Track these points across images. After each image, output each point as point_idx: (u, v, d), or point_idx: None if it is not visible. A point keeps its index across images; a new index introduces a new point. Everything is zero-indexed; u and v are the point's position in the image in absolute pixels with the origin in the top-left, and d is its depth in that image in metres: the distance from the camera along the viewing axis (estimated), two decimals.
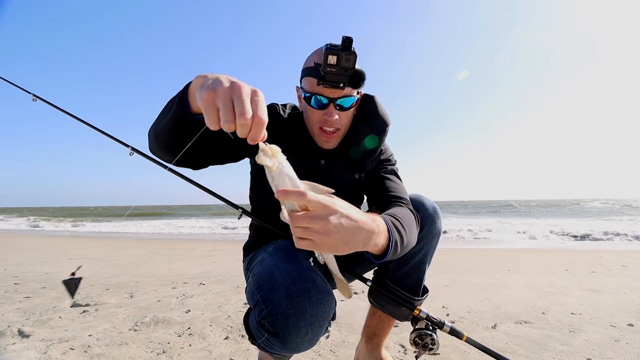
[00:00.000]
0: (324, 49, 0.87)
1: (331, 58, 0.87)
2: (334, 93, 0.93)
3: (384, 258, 0.76)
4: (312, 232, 0.59)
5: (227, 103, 0.55)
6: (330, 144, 1.04)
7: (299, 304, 0.74)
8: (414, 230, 0.90)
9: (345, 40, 0.86)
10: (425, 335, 1.04)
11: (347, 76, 0.89)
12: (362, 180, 1.11)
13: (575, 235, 7.91)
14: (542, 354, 1.48)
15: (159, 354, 1.49)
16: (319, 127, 1.00)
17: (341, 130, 1.01)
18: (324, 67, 0.88)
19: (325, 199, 0.60)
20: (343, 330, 1.78)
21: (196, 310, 2.12)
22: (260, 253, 1.00)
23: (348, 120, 1.02)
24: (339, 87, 0.91)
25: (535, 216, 16.93)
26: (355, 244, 0.64)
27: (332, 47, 0.87)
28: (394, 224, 0.79)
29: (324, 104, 0.96)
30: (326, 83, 0.90)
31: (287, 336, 0.74)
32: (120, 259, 4.58)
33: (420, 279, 1.09)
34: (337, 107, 0.96)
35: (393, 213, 0.86)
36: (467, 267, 3.76)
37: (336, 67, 0.87)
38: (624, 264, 3.76)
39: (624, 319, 1.92)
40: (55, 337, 1.68)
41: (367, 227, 0.66)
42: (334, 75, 0.89)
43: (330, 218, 0.59)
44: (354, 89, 0.93)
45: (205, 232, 10.34)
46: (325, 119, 0.97)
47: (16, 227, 14.17)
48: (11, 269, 3.71)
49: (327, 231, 0.59)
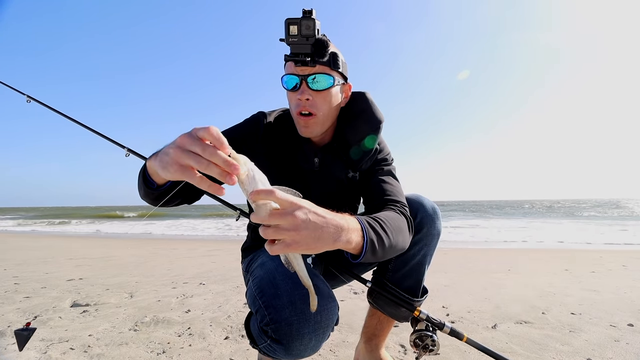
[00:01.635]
0: (285, 20, 0.87)
1: (292, 29, 0.86)
2: (304, 70, 0.91)
3: (360, 257, 0.75)
4: (282, 230, 0.58)
5: (194, 157, 0.56)
6: (308, 129, 0.99)
7: (302, 311, 0.73)
8: (404, 233, 0.88)
9: (304, 11, 0.86)
10: (426, 336, 1.04)
11: (310, 45, 0.87)
12: (357, 179, 1.09)
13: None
14: (542, 354, 1.48)
15: (159, 354, 1.49)
16: (297, 112, 0.97)
17: (318, 117, 0.97)
18: (286, 40, 0.87)
19: (292, 198, 0.61)
20: (343, 330, 1.78)
21: (196, 310, 2.12)
22: (260, 255, 0.99)
23: (327, 108, 0.98)
24: (306, 63, 0.89)
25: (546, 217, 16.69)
26: (325, 240, 0.63)
27: (292, 18, 0.87)
28: (370, 224, 0.77)
29: (296, 84, 0.94)
30: (292, 56, 0.89)
31: (290, 343, 0.73)
32: (120, 259, 4.58)
33: (420, 279, 1.09)
34: (309, 85, 0.93)
35: (375, 215, 0.84)
36: (467, 267, 3.76)
37: (297, 36, 0.87)
38: (624, 264, 3.76)
39: (624, 319, 1.92)
40: (55, 337, 1.68)
41: (334, 223, 0.65)
42: (297, 46, 0.88)
43: (297, 213, 0.59)
44: (321, 59, 0.90)
45: (205, 232, 10.34)
46: (298, 101, 0.95)
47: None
48: (11, 269, 3.71)
49: (296, 226, 0.58)
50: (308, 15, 0.86)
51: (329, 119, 1.00)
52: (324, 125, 1.00)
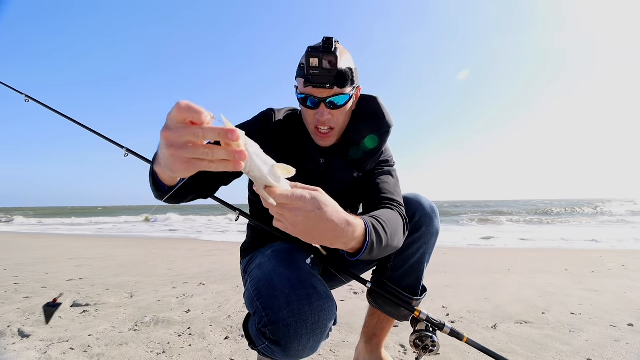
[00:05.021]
0: (305, 52, 0.88)
1: (312, 61, 0.87)
2: (323, 93, 0.93)
3: (358, 256, 0.75)
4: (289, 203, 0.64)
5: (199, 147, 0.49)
6: (326, 142, 1.03)
7: (300, 312, 0.73)
8: (399, 233, 0.89)
9: (325, 42, 0.86)
10: (426, 337, 1.04)
11: (332, 76, 0.89)
12: (361, 179, 1.11)
13: None
14: (542, 354, 1.48)
15: (159, 354, 1.49)
16: (314, 126, 0.99)
17: (336, 129, 1.00)
18: (307, 70, 0.89)
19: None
20: (343, 330, 1.78)
21: (196, 310, 2.12)
22: (258, 256, 0.99)
23: (343, 119, 1.01)
24: (326, 88, 0.91)
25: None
26: (335, 237, 0.67)
27: (312, 49, 0.88)
28: (373, 225, 0.78)
29: (315, 104, 0.95)
30: (312, 84, 0.91)
31: (288, 344, 0.73)
32: (120, 259, 4.58)
33: (419, 278, 1.09)
34: (328, 106, 0.95)
35: (377, 215, 0.85)
36: (467, 267, 3.76)
37: (319, 69, 0.88)
38: (624, 264, 3.76)
39: (624, 319, 1.92)
40: (55, 337, 1.68)
41: (341, 212, 0.69)
42: (318, 77, 0.89)
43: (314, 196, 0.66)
44: (340, 88, 0.93)
45: (205, 232, 10.34)
46: (317, 119, 0.97)
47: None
48: (11, 269, 3.71)
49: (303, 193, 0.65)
50: (328, 47, 0.86)
51: (344, 125, 1.04)
52: (340, 133, 1.05)
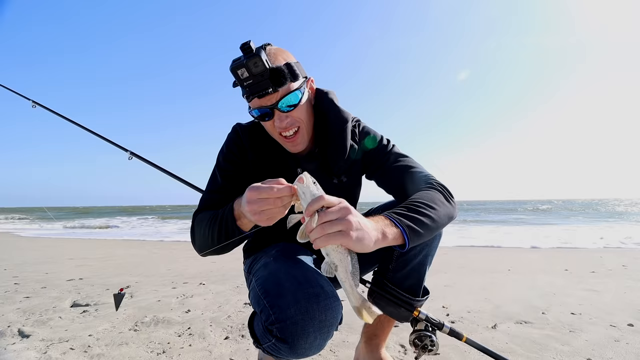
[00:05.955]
0: (230, 68, 0.83)
1: (241, 72, 0.83)
2: (270, 99, 0.89)
3: (407, 245, 0.78)
4: (337, 220, 0.66)
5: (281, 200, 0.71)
6: (297, 147, 1.00)
7: (307, 310, 0.73)
8: (438, 202, 0.88)
9: (242, 48, 0.81)
10: (425, 336, 1.04)
11: (267, 79, 0.85)
12: (347, 184, 1.10)
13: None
14: (542, 354, 1.48)
15: (159, 354, 1.49)
16: (278, 134, 0.97)
17: (302, 128, 0.98)
18: (240, 84, 0.86)
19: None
20: (343, 330, 1.77)
21: (196, 310, 2.12)
22: (262, 257, 0.99)
23: (306, 116, 0.98)
24: (270, 93, 0.87)
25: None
26: (369, 231, 0.70)
27: (234, 61, 0.83)
28: (398, 213, 0.80)
29: (269, 114, 0.92)
30: (253, 96, 0.87)
31: (295, 342, 0.73)
32: (120, 259, 4.58)
33: (421, 280, 1.09)
34: (282, 109, 0.91)
35: (401, 204, 0.85)
36: (467, 267, 3.76)
37: (251, 77, 0.83)
38: (624, 264, 3.76)
39: (624, 319, 1.92)
40: (55, 337, 1.68)
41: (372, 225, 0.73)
42: (255, 85, 0.85)
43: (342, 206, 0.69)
44: (279, 87, 0.88)
45: None
46: (278, 126, 0.94)
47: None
48: (11, 269, 3.71)
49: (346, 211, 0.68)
50: (249, 51, 0.80)
51: (310, 122, 1.02)
52: (309, 131, 1.02)
